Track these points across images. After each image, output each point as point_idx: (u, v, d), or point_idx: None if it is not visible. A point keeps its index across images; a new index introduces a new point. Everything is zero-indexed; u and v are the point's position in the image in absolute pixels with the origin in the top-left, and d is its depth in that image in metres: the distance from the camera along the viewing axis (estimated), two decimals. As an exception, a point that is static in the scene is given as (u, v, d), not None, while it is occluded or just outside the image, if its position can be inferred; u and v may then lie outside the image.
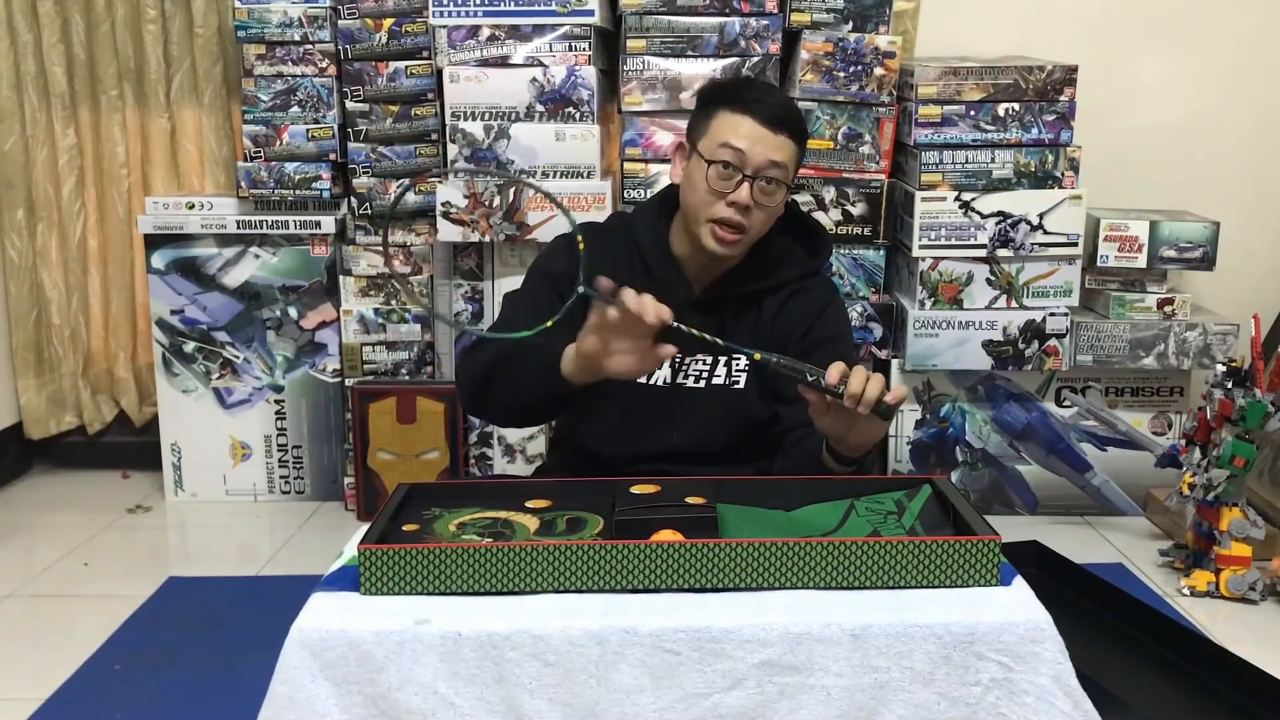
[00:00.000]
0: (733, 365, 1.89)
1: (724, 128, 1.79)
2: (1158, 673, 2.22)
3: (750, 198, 1.77)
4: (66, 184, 3.33)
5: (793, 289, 1.91)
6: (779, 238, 1.93)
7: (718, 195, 1.79)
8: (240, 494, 3.26)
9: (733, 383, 1.88)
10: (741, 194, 1.77)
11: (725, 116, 1.80)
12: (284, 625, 1.30)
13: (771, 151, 1.78)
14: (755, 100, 1.80)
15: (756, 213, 1.79)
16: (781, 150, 1.79)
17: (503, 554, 1.33)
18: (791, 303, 1.91)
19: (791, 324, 1.90)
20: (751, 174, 1.77)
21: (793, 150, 1.82)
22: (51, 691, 2.21)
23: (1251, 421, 2.56)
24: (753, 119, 1.78)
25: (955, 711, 1.29)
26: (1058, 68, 2.87)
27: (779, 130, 1.79)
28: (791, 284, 1.91)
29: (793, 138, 1.81)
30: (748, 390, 1.88)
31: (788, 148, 1.80)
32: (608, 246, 1.89)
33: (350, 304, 3.14)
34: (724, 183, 1.78)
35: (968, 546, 1.34)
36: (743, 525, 1.44)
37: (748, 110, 1.79)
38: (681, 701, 1.28)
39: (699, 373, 1.89)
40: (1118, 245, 2.95)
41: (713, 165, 1.78)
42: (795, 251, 1.95)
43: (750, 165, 1.77)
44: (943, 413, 3.06)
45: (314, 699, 1.28)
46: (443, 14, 2.89)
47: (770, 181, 1.79)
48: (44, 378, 3.44)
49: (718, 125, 1.80)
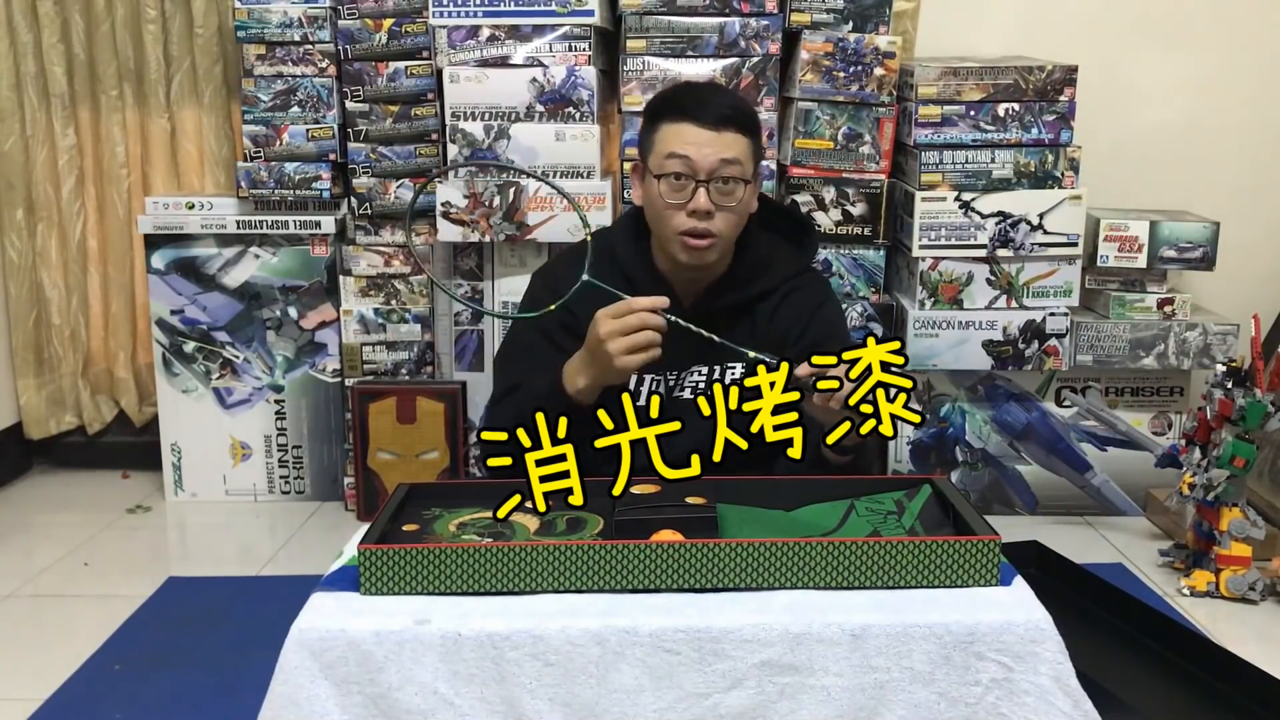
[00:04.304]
0: (728, 376, 1.87)
1: (668, 138, 1.77)
2: (1158, 673, 2.22)
3: (708, 202, 1.75)
4: (66, 184, 3.33)
5: (785, 290, 1.89)
6: (764, 236, 1.90)
7: (677, 207, 1.76)
8: (240, 494, 3.26)
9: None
10: (699, 201, 1.74)
11: (668, 127, 1.78)
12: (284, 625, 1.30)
13: (720, 151, 1.75)
14: (694, 104, 1.77)
15: (721, 215, 1.77)
16: (731, 147, 1.76)
17: (503, 554, 1.33)
18: (785, 304, 1.89)
19: (787, 326, 1.89)
20: (705, 179, 1.74)
21: (744, 144, 1.78)
22: (51, 691, 2.21)
23: (1251, 421, 2.56)
24: (694, 124, 1.75)
25: (955, 711, 1.29)
26: (1058, 68, 2.87)
27: (724, 128, 1.76)
28: (783, 285, 1.89)
29: (741, 132, 1.78)
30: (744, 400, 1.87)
31: (737, 143, 1.77)
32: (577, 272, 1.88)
33: (350, 304, 3.14)
34: (679, 194, 1.75)
35: (968, 546, 1.34)
36: (743, 525, 1.44)
37: (688, 116, 1.76)
38: (681, 701, 1.28)
39: (695, 384, 1.88)
40: (1118, 245, 2.95)
41: (663, 179, 1.75)
42: (782, 249, 1.92)
43: (701, 170, 1.74)
44: (943, 413, 3.06)
45: (314, 699, 1.28)
46: (443, 14, 2.89)
47: (726, 181, 1.76)
48: (44, 378, 3.44)
49: (662, 138, 1.78)
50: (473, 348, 3.11)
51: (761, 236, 1.90)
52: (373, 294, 3.14)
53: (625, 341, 1.62)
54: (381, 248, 3.11)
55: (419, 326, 3.13)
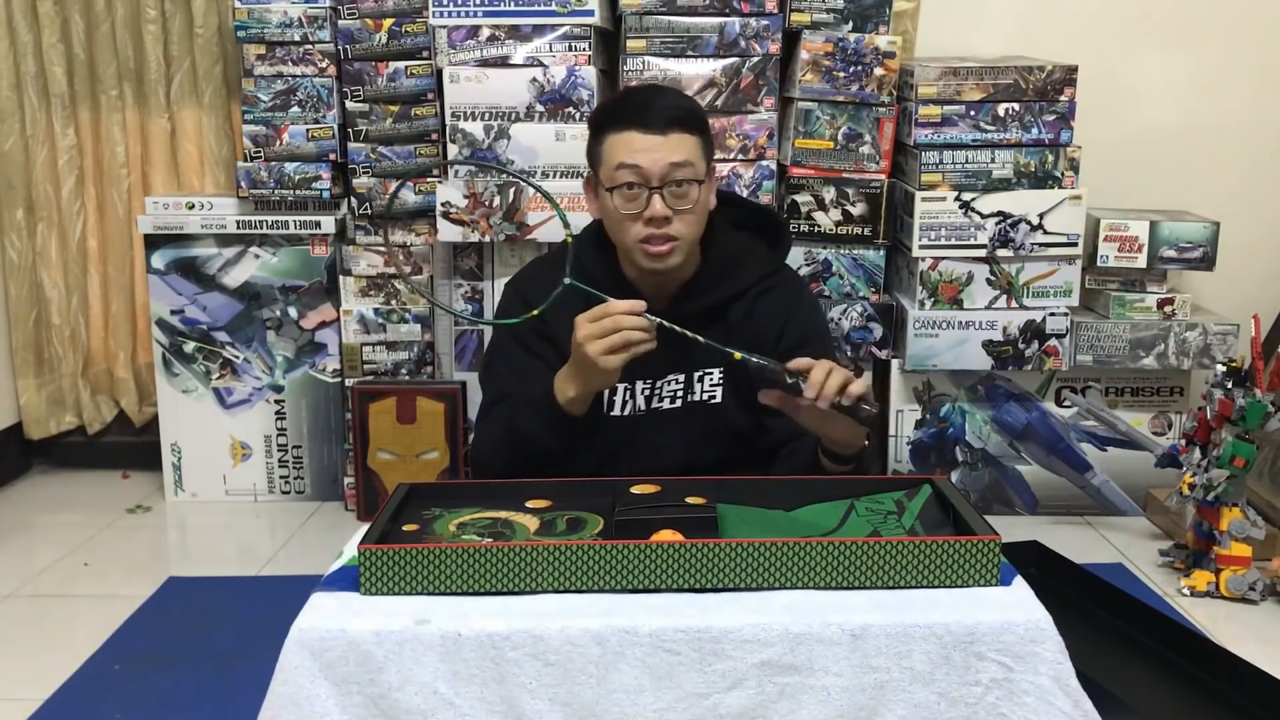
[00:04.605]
0: (706, 381, 1.86)
1: (616, 149, 1.75)
2: (1158, 673, 2.22)
3: (665, 208, 1.73)
4: (66, 184, 3.33)
5: (758, 290, 1.87)
6: (734, 236, 1.89)
7: (633, 217, 1.75)
8: (240, 494, 3.26)
9: (709, 398, 1.86)
10: (655, 208, 1.73)
11: (614, 138, 1.76)
12: (284, 625, 1.30)
13: (668, 154, 1.73)
14: (637, 111, 1.76)
15: (679, 218, 1.75)
16: (678, 149, 1.74)
17: (503, 554, 1.33)
18: (759, 305, 1.87)
19: (762, 327, 1.86)
20: (657, 185, 1.73)
21: (693, 144, 1.77)
22: (51, 691, 2.21)
23: (1251, 421, 2.56)
24: (640, 130, 1.74)
25: (955, 711, 1.29)
26: (1058, 68, 2.87)
27: (669, 130, 1.74)
28: (756, 285, 1.87)
29: (688, 131, 1.76)
30: (725, 404, 1.85)
31: (686, 144, 1.75)
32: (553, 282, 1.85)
33: (350, 304, 3.14)
34: (633, 203, 1.74)
35: (968, 546, 1.34)
36: (743, 525, 1.44)
37: (632, 123, 1.75)
38: (681, 701, 1.28)
39: (673, 393, 1.87)
40: (1118, 245, 2.95)
41: (615, 191, 1.74)
42: (755, 249, 1.91)
43: (653, 176, 1.73)
44: (943, 413, 3.06)
45: (314, 699, 1.28)
46: (443, 14, 2.89)
47: (680, 184, 1.74)
48: (44, 378, 3.44)
49: (609, 149, 1.77)
50: (473, 348, 3.11)
51: (732, 236, 1.89)
52: (373, 294, 3.14)
53: (604, 343, 1.62)
54: (381, 248, 3.11)
55: (419, 326, 3.13)
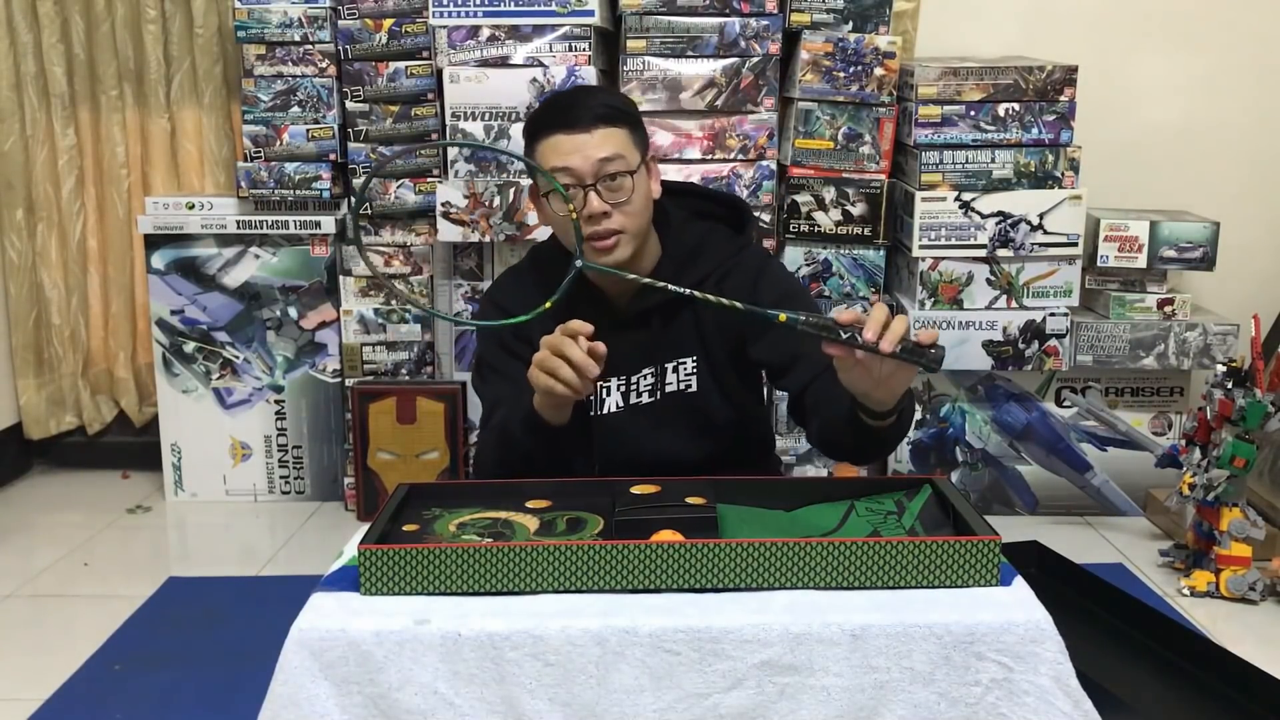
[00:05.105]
0: (680, 370, 1.85)
1: (546, 155, 1.76)
2: (1158, 673, 2.22)
3: (602, 204, 1.73)
4: (66, 184, 3.34)
5: (721, 273, 1.85)
6: (692, 225, 1.88)
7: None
8: (240, 494, 3.26)
9: (685, 387, 1.85)
10: (592, 205, 1.72)
11: (543, 144, 1.76)
12: (284, 625, 1.30)
13: (594, 151, 1.73)
14: (561, 114, 1.76)
15: (619, 211, 1.75)
16: (605, 144, 1.74)
17: (503, 554, 1.33)
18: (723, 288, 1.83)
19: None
20: (591, 182, 1.73)
21: (621, 136, 1.76)
22: (51, 691, 2.22)
23: (1251, 421, 2.56)
24: (562, 132, 1.74)
25: (955, 711, 1.29)
26: (1058, 68, 2.87)
27: (593, 127, 1.74)
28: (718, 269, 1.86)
29: (614, 125, 1.76)
30: (703, 392, 1.84)
31: (613, 137, 1.75)
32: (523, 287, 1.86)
33: (350, 304, 3.14)
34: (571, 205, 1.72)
35: (968, 546, 1.34)
36: (742, 525, 1.44)
37: (555, 127, 1.75)
38: (681, 701, 1.28)
39: (649, 387, 1.86)
40: (1118, 245, 2.95)
41: (552, 195, 1.74)
42: (716, 235, 1.90)
43: (585, 175, 1.73)
44: (943, 413, 3.06)
45: (314, 699, 1.28)
46: (443, 14, 2.89)
47: (613, 177, 1.74)
48: (44, 378, 3.45)
49: (541, 155, 1.77)
50: (473, 348, 3.11)
51: (692, 227, 1.89)
52: (373, 294, 3.14)
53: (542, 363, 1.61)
54: (381, 248, 3.11)
55: (419, 326, 3.13)
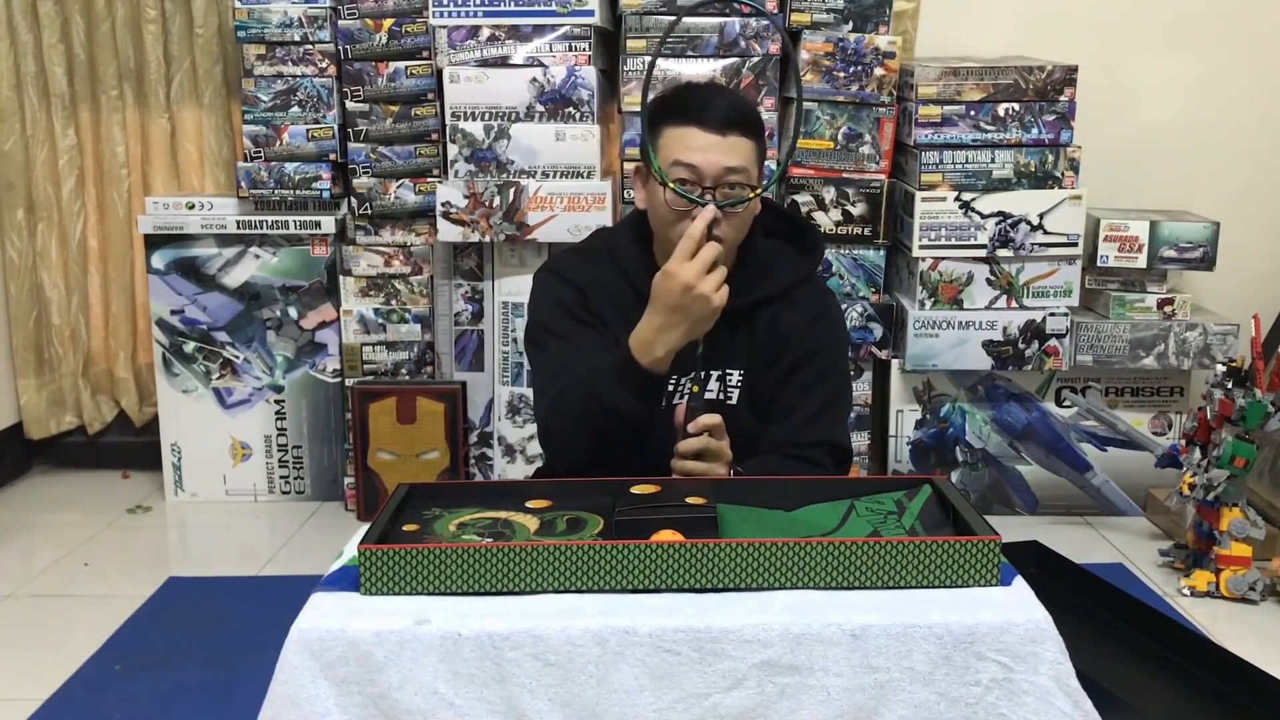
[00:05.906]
0: (726, 381, 1.85)
1: (672, 144, 1.73)
2: (1158, 673, 2.22)
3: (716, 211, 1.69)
4: (66, 184, 3.33)
5: (787, 298, 1.86)
6: (766, 242, 1.87)
7: (682, 215, 1.72)
8: (240, 494, 3.26)
9: (725, 398, 1.85)
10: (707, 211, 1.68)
11: (672, 131, 1.74)
12: (284, 625, 1.30)
13: (725, 158, 1.71)
14: (699, 107, 1.74)
15: (726, 222, 1.72)
16: (735, 153, 1.72)
17: (503, 554, 1.33)
18: (784, 314, 1.85)
19: (786, 333, 1.85)
20: (711, 185, 1.71)
21: (749, 149, 1.75)
22: (51, 691, 2.21)
23: (1251, 421, 2.56)
24: (699, 128, 1.72)
25: (955, 711, 1.29)
26: (1058, 68, 2.87)
27: (729, 132, 1.72)
28: (784, 294, 1.86)
29: (746, 135, 1.74)
30: (739, 407, 1.85)
31: (742, 148, 1.73)
32: (591, 270, 1.85)
33: (350, 304, 3.14)
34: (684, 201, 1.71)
35: (968, 546, 1.34)
36: (743, 525, 1.44)
37: (692, 119, 1.72)
38: (681, 702, 1.28)
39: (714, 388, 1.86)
40: (1118, 245, 2.95)
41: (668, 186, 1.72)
42: (785, 256, 1.89)
43: (707, 177, 1.71)
44: (943, 413, 3.06)
45: (314, 699, 1.28)
46: (443, 14, 2.89)
47: (732, 188, 1.72)
48: (44, 378, 3.44)
49: (666, 142, 1.74)
50: (473, 348, 3.11)
51: (764, 243, 1.89)
52: (373, 294, 3.14)
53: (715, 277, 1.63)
54: (381, 248, 3.11)
55: (419, 326, 3.13)
